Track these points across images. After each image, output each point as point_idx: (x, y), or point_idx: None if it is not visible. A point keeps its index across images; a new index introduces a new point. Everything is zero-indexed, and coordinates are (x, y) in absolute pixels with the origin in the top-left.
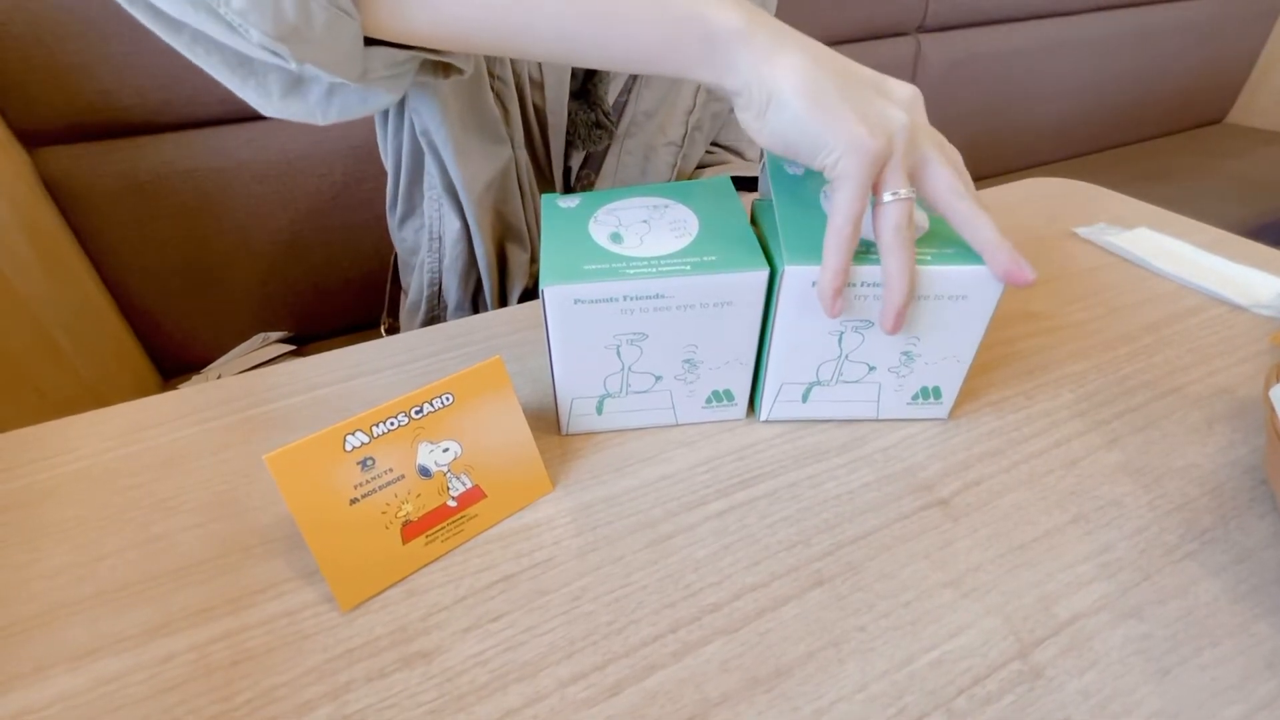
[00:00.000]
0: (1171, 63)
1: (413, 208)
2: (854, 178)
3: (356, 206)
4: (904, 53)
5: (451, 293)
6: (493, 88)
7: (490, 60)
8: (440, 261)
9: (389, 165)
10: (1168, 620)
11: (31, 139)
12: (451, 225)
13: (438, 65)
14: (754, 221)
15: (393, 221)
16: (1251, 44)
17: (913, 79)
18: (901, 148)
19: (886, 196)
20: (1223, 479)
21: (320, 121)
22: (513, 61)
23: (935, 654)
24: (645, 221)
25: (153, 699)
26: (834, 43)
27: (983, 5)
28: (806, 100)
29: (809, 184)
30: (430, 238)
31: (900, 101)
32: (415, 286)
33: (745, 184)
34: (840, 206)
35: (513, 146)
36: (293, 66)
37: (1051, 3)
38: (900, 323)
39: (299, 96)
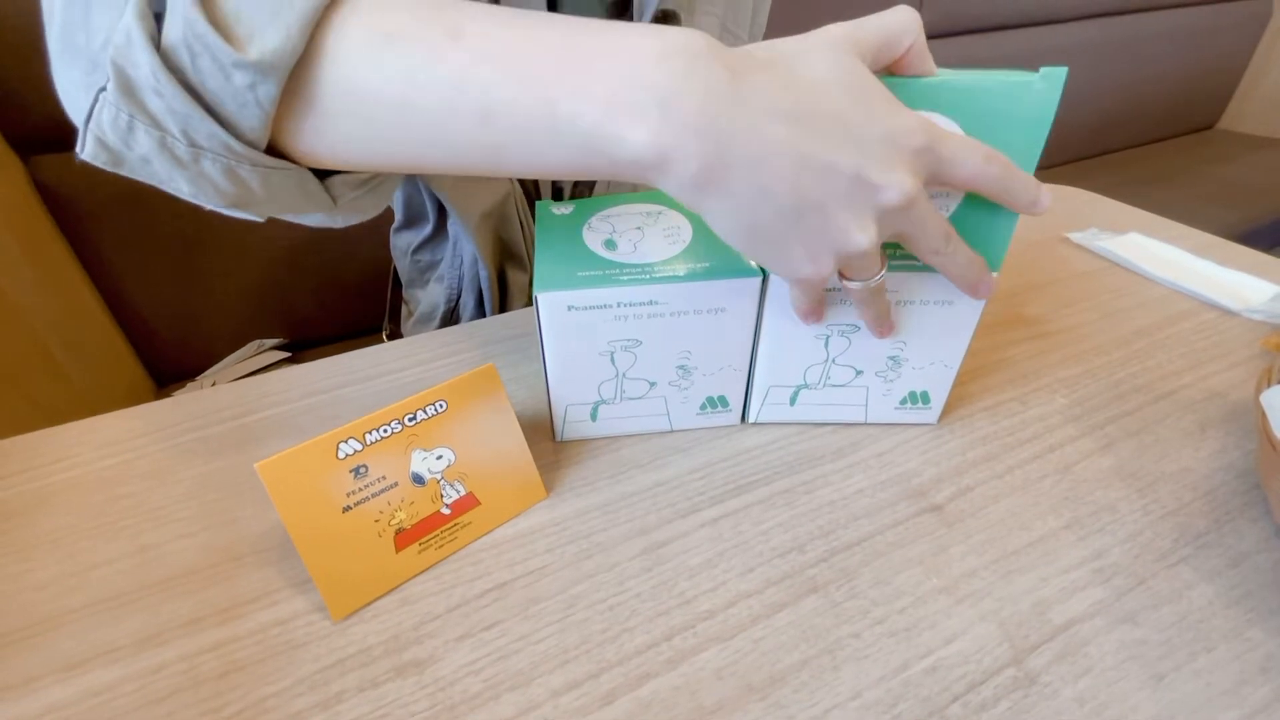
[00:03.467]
0: (1163, 69)
1: (422, 229)
2: (802, 295)
3: None
4: None
5: (468, 309)
6: None
7: None
8: (461, 280)
9: (396, 197)
10: (1162, 625)
11: (26, 146)
12: (468, 247)
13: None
14: None
15: (398, 240)
16: (1242, 51)
17: None
18: (860, 259)
19: (854, 286)
20: (1216, 483)
21: (340, 226)
22: None
23: (930, 660)
24: (639, 228)
25: (142, 710)
26: None
27: (975, 13)
28: (741, 239)
29: None
30: (454, 254)
31: (883, 204)
32: (428, 300)
33: None
34: (795, 305)
35: (509, 179)
36: (263, 219)
37: (1044, 10)
38: (889, 331)
39: (299, 218)
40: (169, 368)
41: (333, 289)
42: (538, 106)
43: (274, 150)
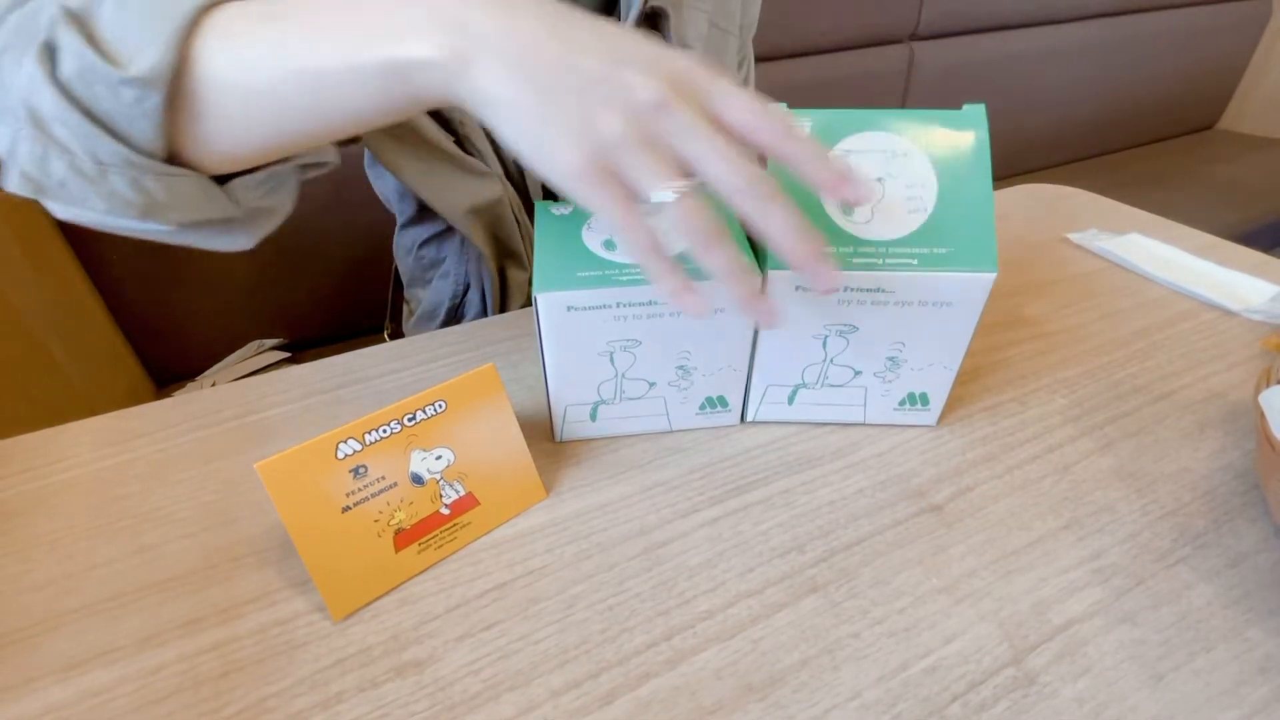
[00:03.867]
0: (1163, 70)
1: (434, 224)
2: (590, 203)
3: (352, 214)
4: (898, 60)
5: (473, 305)
6: (460, 130)
7: (450, 109)
8: (467, 275)
9: (401, 190)
10: (1161, 625)
11: None
12: (473, 246)
13: (306, 165)
14: None
15: (403, 238)
16: (1241, 51)
17: (906, 86)
18: (631, 153)
19: (654, 198)
20: (1215, 484)
21: (247, 246)
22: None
23: (929, 660)
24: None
25: (142, 710)
26: (828, 50)
27: (975, 13)
28: (507, 122)
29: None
30: (463, 250)
31: (636, 99)
32: (431, 298)
33: None
34: (610, 225)
35: (500, 180)
36: (174, 229)
37: (1044, 10)
38: (768, 318)
39: (224, 236)
40: (169, 368)
41: (333, 289)
42: (339, 52)
43: (176, 162)
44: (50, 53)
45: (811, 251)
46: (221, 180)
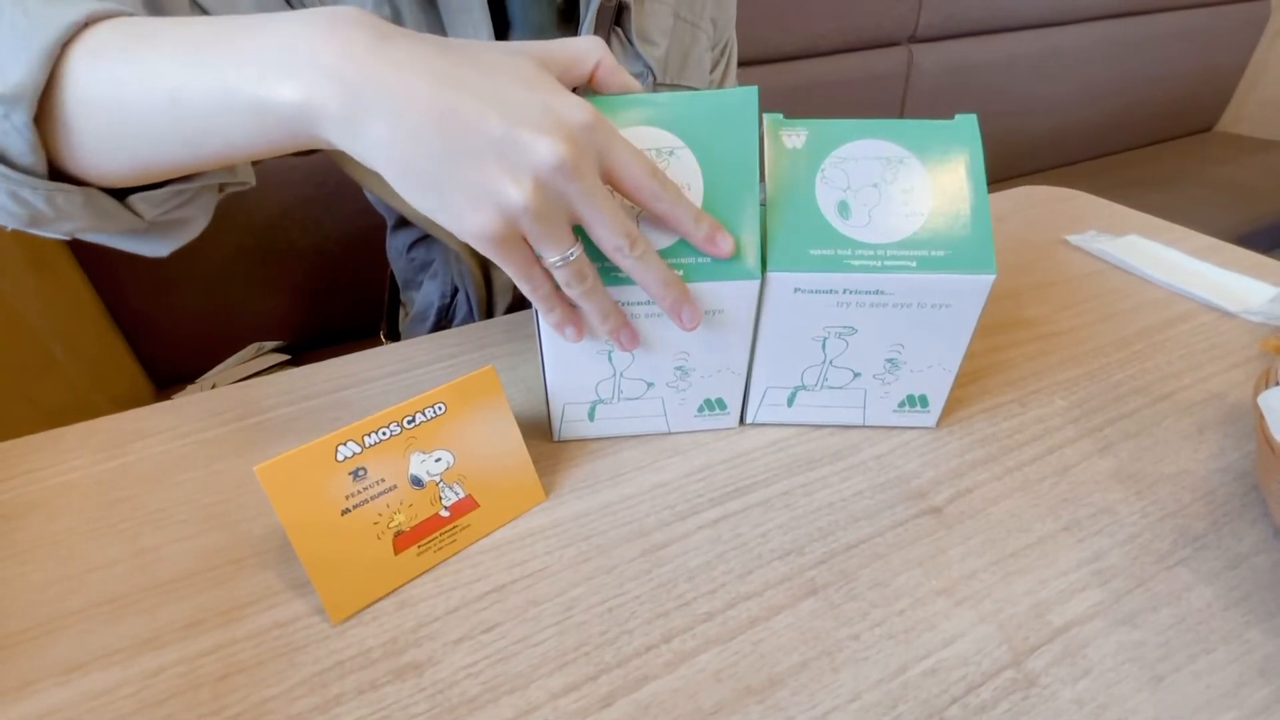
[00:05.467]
0: (1162, 72)
1: (414, 230)
2: (494, 257)
3: (351, 216)
4: (897, 63)
5: (462, 307)
6: None
7: None
8: (453, 277)
9: (379, 202)
10: (1161, 627)
11: None
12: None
13: (223, 185)
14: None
15: (394, 241)
16: (1240, 53)
17: (905, 88)
18: (532, 222)
19: (553, 261)
20: (1214, 485)
21: (163, 254)
22: None
23: (929, 662)
24: (638, 215)
25: (141, 713)
26: (827, 53)
27: (974, 15)
28: (402, 184)
29: (802, 171)
30: (449, 250)
31: (533, 163)
32: (423, 299)
33: None
34: (521, 285)
35: None
36: (66, 237)
37: (1043, 13)
38: (689, 317)
39: (142, 241)
40: (168, 370)
41: (332, 292)
42: (211, 83)
43: (63, 175)
44: None
45: (675, 297)
46: (124, 192)
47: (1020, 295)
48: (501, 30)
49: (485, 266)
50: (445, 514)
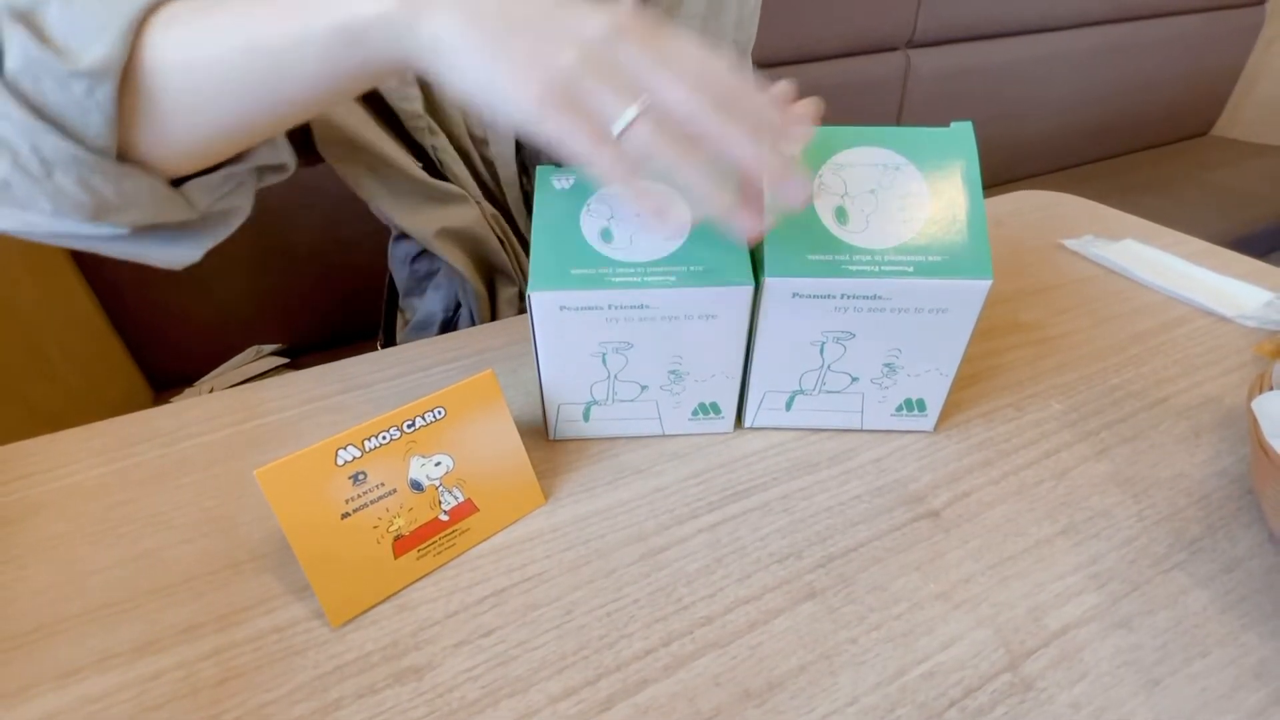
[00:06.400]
0: (1158, 76)
1: (416, 243)
2: (554, 137)
3: (350, 219)
4: (894, 67)
5: (465, 320)
6: (434, 155)
7: (420, 132)
8: (457, 291)
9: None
10: (1157, 630)
11: None
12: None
13: (263, 169)
14: None
15: (397, 250)
16: (1236, 58)
17: (903, 93)
18: (588, 79)
19: (616, 129)
20: (1210, 489)
21: (196, 257)
22: (445, 124)
23: (927, 666)
24: (637, 214)
25: (139, 717)
26: (825, 58)
27: (971, 20)
28: (462, 58)
29: None
30: (451, 264)
31: (585, 32)
32: (426, 308)
33: None
34: (578, 158)
35: (475, 201)
36: (127, 232)
37: (1040, 18)
38: (754, 225)
39: (175, 245)
40: (167, 374)
41: (331, 295)
42: (286, 24)
43: (127, 162)
44: None
45: (778, 167)
46: (176, 184)
47: (1017, 299)
48: None
49: (490, 283)
50: (445, 518)
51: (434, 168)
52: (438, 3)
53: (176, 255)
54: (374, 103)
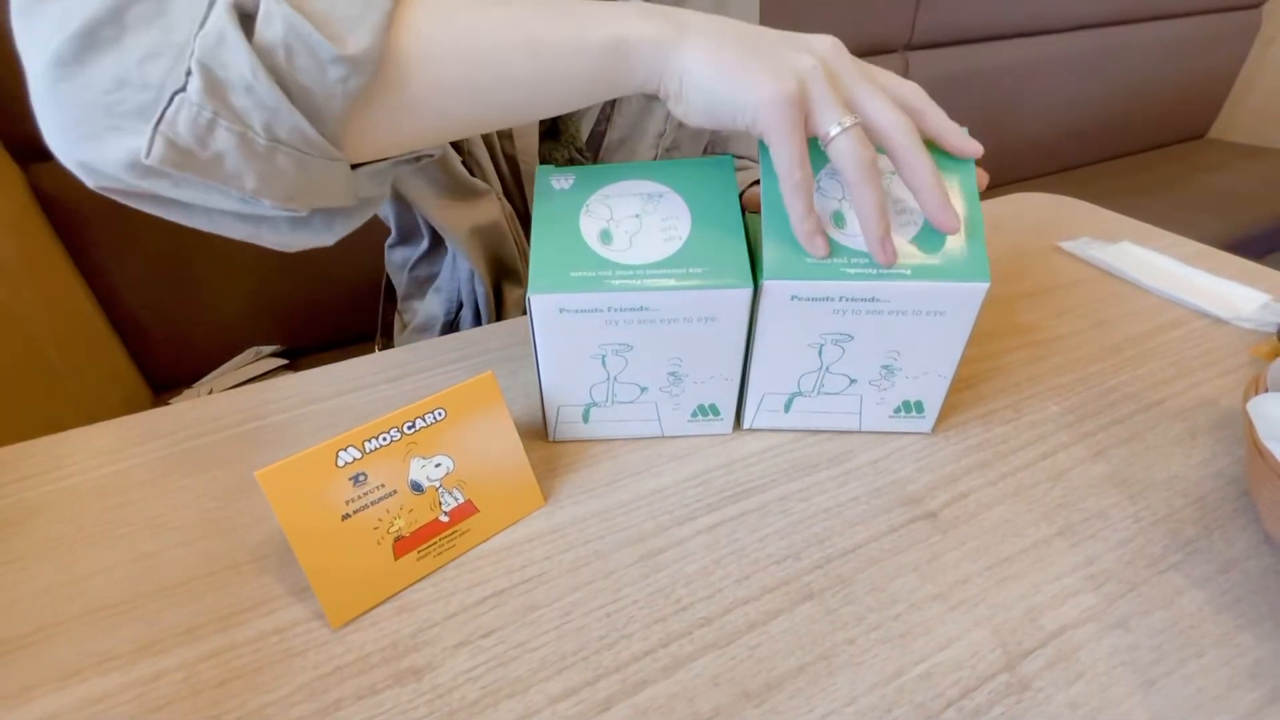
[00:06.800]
0: (1155, 79)
1: (418, 245)
2: (777, 127)
3: None
4: (892, 69)
5: (466, 321)
6: (466, 148)
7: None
8: (459, 293)
9: (388, 210)
10: (1153, 631)
11: (25, 155)
12: (465, 261)
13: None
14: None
15: (394, 256)
16: (1233, 61)
17: None
18: (821, 83)
19: (832, 130)
20: (1206, 490)
21: (330, 243)
22: None
23: (924, 667)
24: (637, 216)
25: (139, 719)
26: None
27: (970, 23)
28: (712, 69)
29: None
30: (453, 268)
31: (815, 50)
32: (427, 311)
33: None
34: (779, 159)
35: (497, 198)
36: (303, 214)
37: (1037, 21)
38: (890, 252)
39: (306, 229)
40: (166, 375)
41: (330, 296)
42: (569, 30)
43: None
44: (245, 11)
45: (940, 197)
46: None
47: (1014, 301)
48: None
49: (498, 282)
50: (445, 519)
51: (465, 164)
52: (693, 30)
53: (307, 240)
54: None
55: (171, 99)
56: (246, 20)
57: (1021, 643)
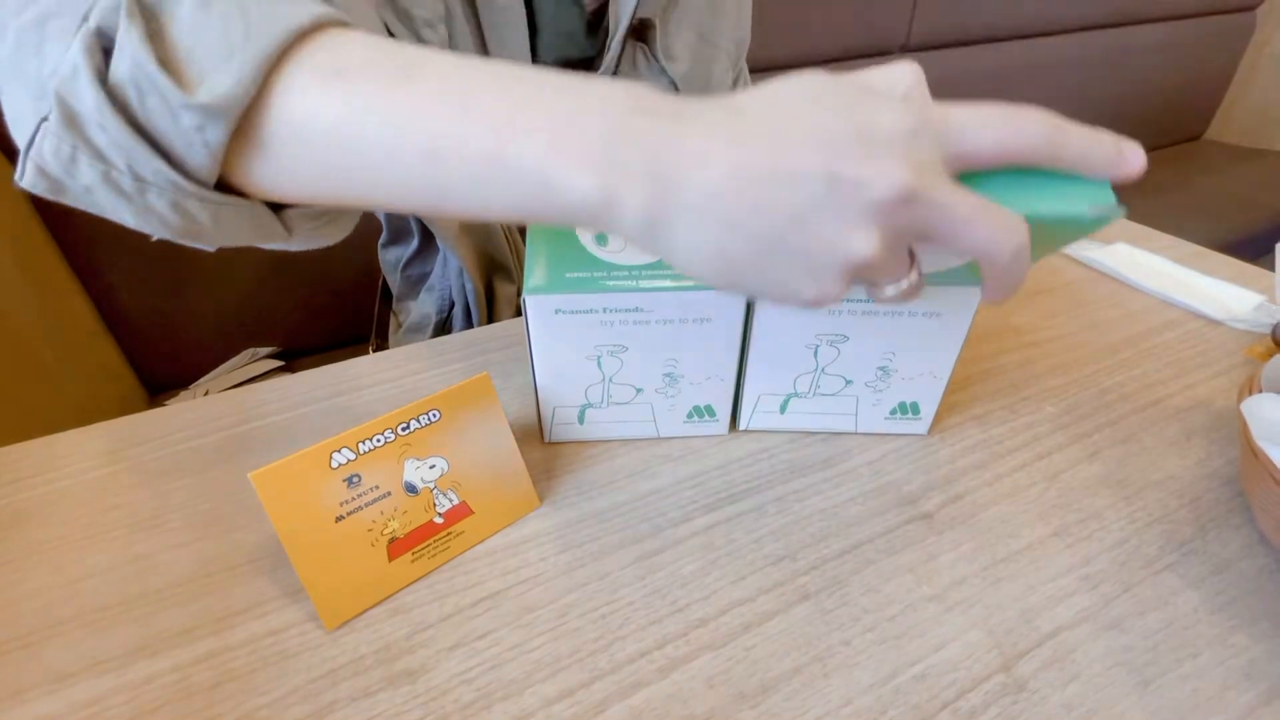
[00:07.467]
0: (1151, 81)
1: (409, 244)
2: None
3: None
4: None
5: (459, 320)
6: None
7: None
8: (451, 291)
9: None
10: (1148, 632)
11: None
12: (455, 260)
13: None
14: None
15: (387, 255)
16: (1228, 63)
17: None
18: (882, 264)
19: (887, 291)
20: (1201, 491)
21: (297, 249)
22: None
23: (919, 668)
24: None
25: None
26: (820, 62)
27: (966, 25)
28: (713, 269)
29: None
30: (444, 267)
31: (882, 205)
32: (420, 311)
33: None
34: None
35: None
36: (213, 248)
37: (1034, 23)
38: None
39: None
40: (161, 377)
41: (326, 297)
42: (486, 146)
43: (225, 184)
44: (101, 42)
45: (1010, 288)
46: (275, 206)
47: (1009, 303)
48: (530, 35)
49: (490, 279)
50: (439, 520)
51: None
52: (679, 207)
53: (275, 247)
54: None
55: (39, 125)
56: (109, 53)
57: (1017, 644)
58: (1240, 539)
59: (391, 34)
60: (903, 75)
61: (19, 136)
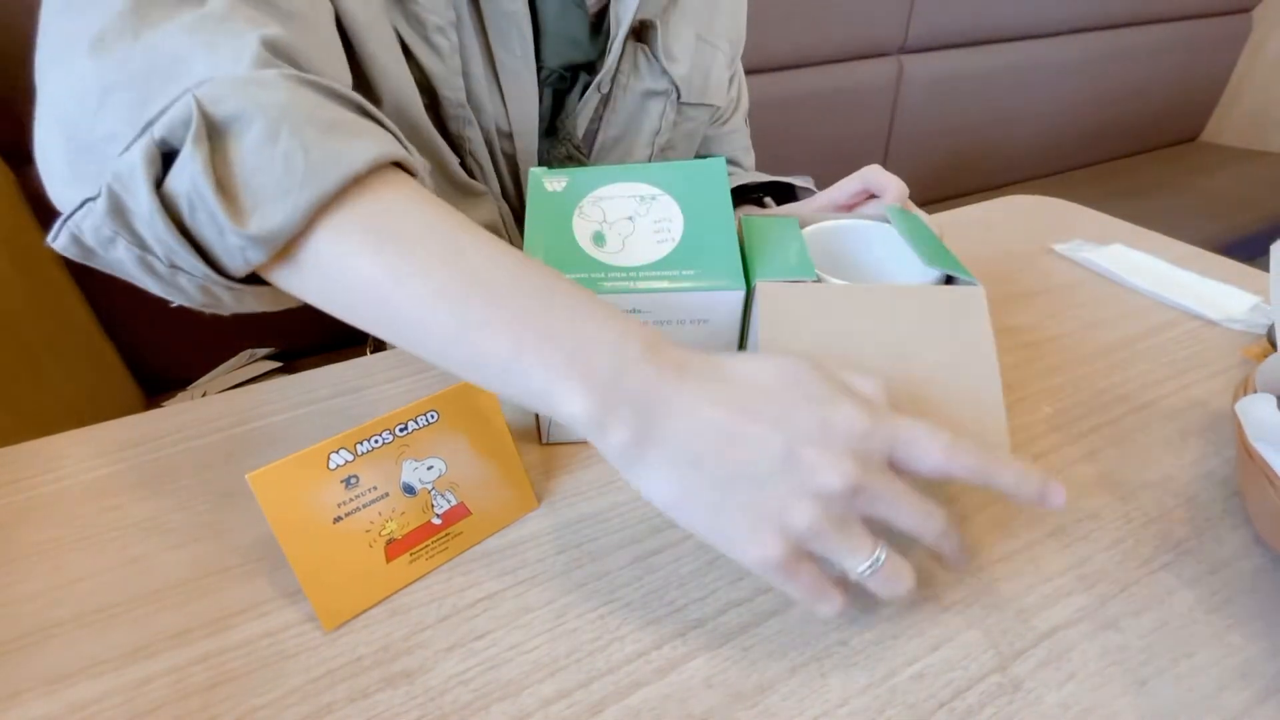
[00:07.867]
0: (1147, 83)
1: None
2: (789, 590)
3: None
4: (887, 73)
5: None
6: (466, 148)
7: (459, 122)
8: None
9: None
10: (1144, 631)
11: (17, 157)
12: None
13: None
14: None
15: None
16: (1224, 65)
17: (895, 99)
18: (826, 537)
19: (859, 571)
20: (1196, 491)
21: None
22: (479, 116)
23: (916, 667)
24: (630, 219)
25: None
26: (818, 63)
27: (963, 27)
28: (676, 507)
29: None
30: None
31: (824, 482)
32: None
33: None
34: (814, 608)
35: (494, 199)
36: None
37: (1031, 25)
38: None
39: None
40: (159, 378)
41: None
42: (503, 350)
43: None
44: (163, 153)
45: (957, 554)
46: None
47: (1006, 303)
48: (534, 39)
49: None
50: (437, 521)
51: (464, 165)
52: (656, 445)
53: None
54: (428, 91)
55: (84, 204)
56: (171, 158)
57: (1013, 643)
58: (1236, 539)
59: (402, 38)
60: (874, 386)
61: (55, 194)
